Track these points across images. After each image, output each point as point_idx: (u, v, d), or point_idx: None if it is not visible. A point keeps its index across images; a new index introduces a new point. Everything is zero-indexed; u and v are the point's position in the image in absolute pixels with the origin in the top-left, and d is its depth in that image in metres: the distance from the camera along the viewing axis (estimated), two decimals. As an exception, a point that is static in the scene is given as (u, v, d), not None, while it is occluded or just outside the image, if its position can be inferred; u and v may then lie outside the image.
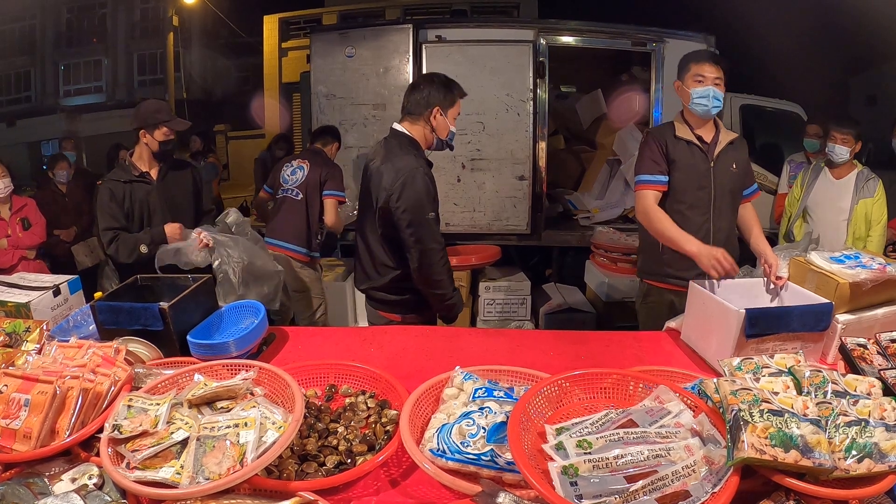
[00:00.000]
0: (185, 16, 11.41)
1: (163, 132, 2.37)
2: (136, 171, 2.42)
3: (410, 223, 1.88)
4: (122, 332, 1.52)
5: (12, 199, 3.42)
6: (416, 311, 2.10)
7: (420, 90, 1.98)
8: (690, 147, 2.08)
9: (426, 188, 1.90)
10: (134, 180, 2.40)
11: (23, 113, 12.23)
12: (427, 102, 1.96)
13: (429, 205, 1.90)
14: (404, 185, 1.87)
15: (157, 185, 2.44)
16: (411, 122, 2.00)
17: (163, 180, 2.46)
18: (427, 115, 1.97)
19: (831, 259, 1.66)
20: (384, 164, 1.95)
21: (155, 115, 2.37)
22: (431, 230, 1.91)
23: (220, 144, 9.81)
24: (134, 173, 2.41)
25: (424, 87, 1.99)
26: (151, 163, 2.45)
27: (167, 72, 11.70)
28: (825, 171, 3.17)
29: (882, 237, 3.04)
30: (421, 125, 1.99)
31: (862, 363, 1.42)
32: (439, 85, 1.98)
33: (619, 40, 4.22)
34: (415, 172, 1.89)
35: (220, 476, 0.96)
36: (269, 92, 7.41)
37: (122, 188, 2.39)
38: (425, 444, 1.09)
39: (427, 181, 1.91)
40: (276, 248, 3.25)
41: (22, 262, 3.37)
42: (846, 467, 0.96)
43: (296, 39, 7.12)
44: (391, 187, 1.89)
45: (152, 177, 2.44)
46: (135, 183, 2.40)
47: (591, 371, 1.27)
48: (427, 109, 1.96)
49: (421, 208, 1.88)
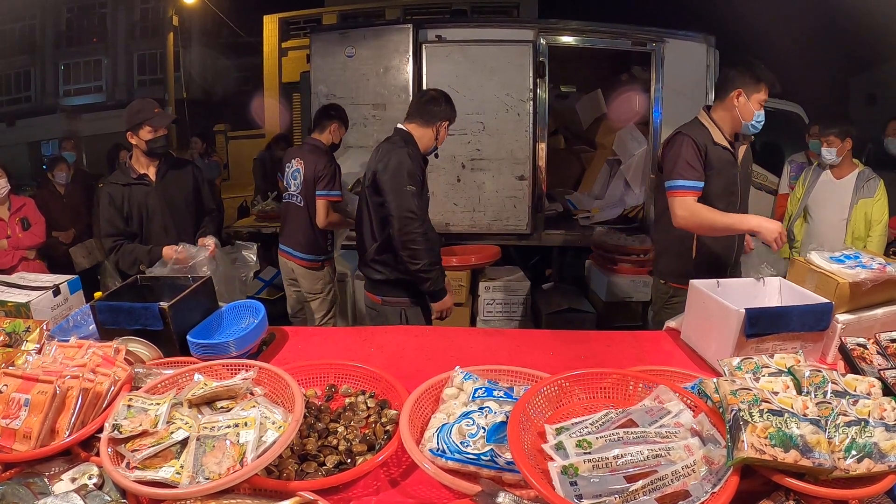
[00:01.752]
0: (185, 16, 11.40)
1: (147, 130, 2.33)
2: (134, 174, 2.40)
3: (391, 190, 2.12)
4: (122, 332, 1.52)
5: (11, 200, 3.41)
6: (396, 294, 2.28)
7: (438, 103, 2.27)
8: (726, 153, 2.10)
9: (409, 165, 2.12)
10: (132, 183, 2.39)
11: (23, 113, 12.22)
12: (441, 115, 2.28)
13: (408, 179, 2.11)
14: (390, 157, 2.15)
15: (155, 187, 2.41)
16: (419, 126, 2.26)
17: (162, 180, 2.43)
18: (437, 125, 2.27)
19: (831, 259, 1.66)
20: (380, 148, 2.26)
21: (137, 115, 2.34)
22: (409, 199, 2.10)
23: (220, 144, 9.80)
24: (132, 175, 2.40)
25: (442, 102, 2.29)
26: (148, 163, 2.43)
27: (167, 72, 11.69)
28: (826, 170, 3.18)
29: (882, 237, 3.04)
30: (429, 131, 2.27)
31: (862, 363, 1.42)
32: (449, 103, 2.31)
33: (619, 40, 4.22)
34: (402, 152, 2.15)
35: (220, 476, 0.96)
36: (269, 92, 7.41)
37: (120, 191, 2.38)
38: (425, 443, 1.09)
39: (412, 162, 2.13)
40: (287, 255, 3.26)
41: (22, 263, 3.36)
42: (846, 467, 0.96)
43: (296, 39, 7.12)
44: (380, 161, 2.19)
45: (151, 178, 2.42)
46: (133, 186, 2.39)
47: (591, 371, 1.27)
48: (439, 121, 2.27)
49: (401, 177, 2.11)
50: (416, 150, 2.21)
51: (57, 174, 4.24)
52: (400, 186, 2.10)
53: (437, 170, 4.01)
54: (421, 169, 2.21)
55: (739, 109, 2.04)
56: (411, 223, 2.10)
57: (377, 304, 2.32)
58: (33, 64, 12.84)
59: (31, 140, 11.47)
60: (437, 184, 4.04)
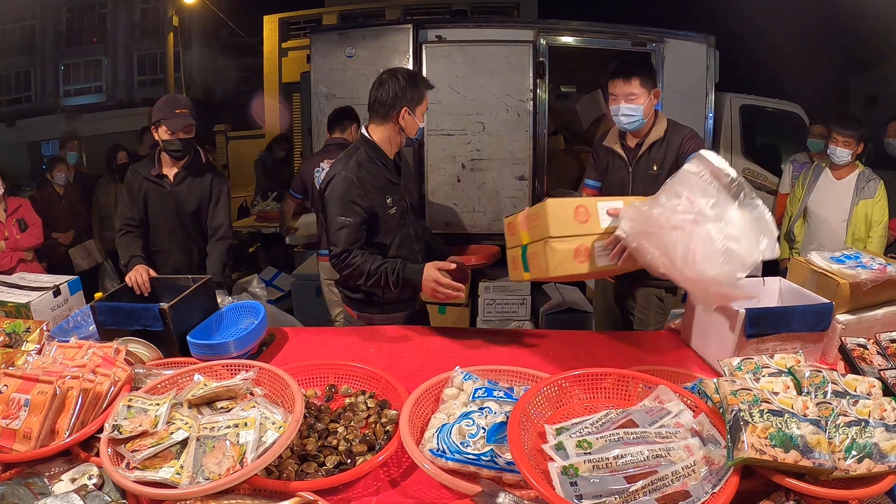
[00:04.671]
0: (185, 16, 11.40)
1: (163, 130, 2.24)
2: (154, 171, 2.33)
3: (325, 219, 1.89)
4: (122, 333, 1.53)
5: (7, 201, 3.36)
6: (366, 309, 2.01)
7: (387, 89, 1.83)
8: (613, 155, 2.18)
9: (340, 191, 1.82)
10: (151, 179, 2.34)
11: (23, 113, 12.20)
12: (393, 103, 1.83)
13: (339, 208, 1.81)
14: (328, 181, 1.86)
15: (168, 191, 2.34)
16: (377, 125, 1.90)
17: (178, 185, 2.35)
18: (395, 116, 1.85)
19: (831, 259, 1.66)
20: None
21: (157, 112, 2.26)
22: (335, 233, 1.82)
23: (220, 144, 9.80)
24: (153, 172, 2.33)
25: (389, 85, 1.83)
26: (171, 163, 2.35)
27: (167, 72, 11.69)
28: (826, 171, 3.17)
29: (882, 238, 3.04)
30: (388, 127, 1.88)
31: (862, 363, 1.42)
32: (405, 82, 1.83)
33: (619, 40, 4.21)
34: (340, 175, 1.83)
35: (220, 476, 0.96)
36: (269, 92, 7.42)
37: (140, 182, 2.34)
38: (425, 444, 1.09)
39: (344, 187, 1.81)
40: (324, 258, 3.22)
41: (20, 265, 3.34)
42: (846, 467, 0.96)
43: (296, 39, 7.13)
44: (323, 181, 1.91)
45: (169, 179, 2.35)
46: (151, 182, 2.34)
47: (591, 371, 1.27)
48: (394, 110, 1.84)
49: (332, 206, 1.83)
50: (363, 165, 1.86)
51: (56, 175, 4.21)
52: (331, 216, 1.83)
53: (437, 170, 4.01)
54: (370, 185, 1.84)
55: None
56: (338, 258, 1.82)
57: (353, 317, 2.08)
58: (33, 64, 12.84)
59: (30, 140, 11.46)
60: (438, 184, 4.04)
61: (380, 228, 1.90)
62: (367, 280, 1.82)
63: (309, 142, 4.72)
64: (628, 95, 2.01)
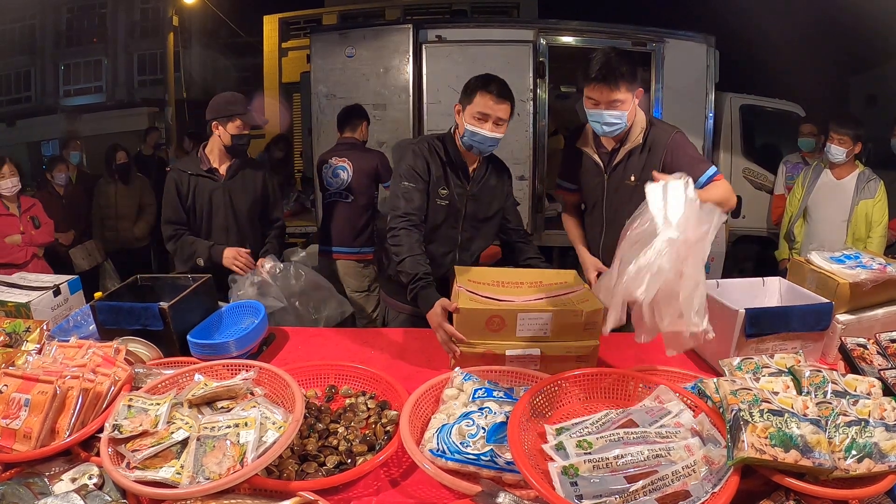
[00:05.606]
0: (185, 16, 11.39)
1: (236, 125, 2.26)
2: (204, 165, 2.32)
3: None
4: (122, 332, 1.52)
5: (20, 200, 3.40)
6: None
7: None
8: (587, 159, 1.97)
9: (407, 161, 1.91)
10: (201, 174, 2.32)
11: (23, 113, 12.20)
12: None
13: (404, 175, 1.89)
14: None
15: (223, 184, 2.33)
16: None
17: (231, 178, 2.35)
18: (456, 111, 1.92)
19: (831, 259, 1.66)
20: None
21: (228, 107, 2.27)
22: (393, 199, 1.90)
23: (220, 144, 9.81)
24: (202, 167, 2.32)
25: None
26: (223, 158, 2.35)
27: (167, 72, 11.67)
28: (826, 171, 3.17)
29: (883, 238, 3.04)
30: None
31: (862, 363, 1.42)
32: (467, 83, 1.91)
33: (619, 40, 4.21)
34: (406, 147, 1.97)
35: (220, 476, 0.96)
36: (269, 92, 7.41)
37: (187, 180, 2.31)
38: (425, 444, 1.09)
39: (410, 156, 1.91)
40: (338, 254, 3.25)
41: (34, 260, 3.35)
42: (846, 467, 0.96)
43: (296, 39, 7.11)
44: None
45: (221, 173, 2.34)
46: (201, 177, 2.31)
47: (591, 371, 1.27)
48: (456, 104, 1.91)
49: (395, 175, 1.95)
50: (431, 146, 1.95)
51: (56, 175, 4.21)
52: (395, 181, 1.95)
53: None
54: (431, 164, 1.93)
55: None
56: (391, 225, 1.85)
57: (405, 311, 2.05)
58: (33, 64, 12.84)
59: (30, 140, 11.46)
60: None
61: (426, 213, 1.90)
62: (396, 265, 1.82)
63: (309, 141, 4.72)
64: (612, 102, 1.74)
